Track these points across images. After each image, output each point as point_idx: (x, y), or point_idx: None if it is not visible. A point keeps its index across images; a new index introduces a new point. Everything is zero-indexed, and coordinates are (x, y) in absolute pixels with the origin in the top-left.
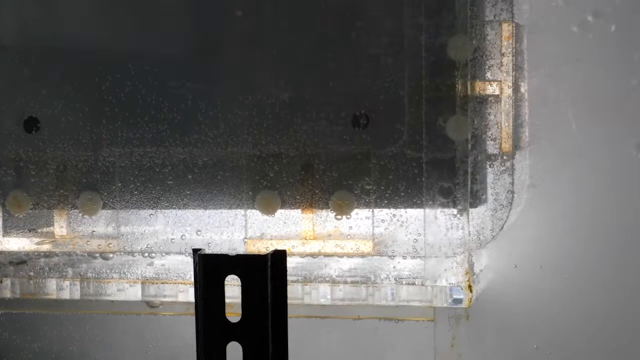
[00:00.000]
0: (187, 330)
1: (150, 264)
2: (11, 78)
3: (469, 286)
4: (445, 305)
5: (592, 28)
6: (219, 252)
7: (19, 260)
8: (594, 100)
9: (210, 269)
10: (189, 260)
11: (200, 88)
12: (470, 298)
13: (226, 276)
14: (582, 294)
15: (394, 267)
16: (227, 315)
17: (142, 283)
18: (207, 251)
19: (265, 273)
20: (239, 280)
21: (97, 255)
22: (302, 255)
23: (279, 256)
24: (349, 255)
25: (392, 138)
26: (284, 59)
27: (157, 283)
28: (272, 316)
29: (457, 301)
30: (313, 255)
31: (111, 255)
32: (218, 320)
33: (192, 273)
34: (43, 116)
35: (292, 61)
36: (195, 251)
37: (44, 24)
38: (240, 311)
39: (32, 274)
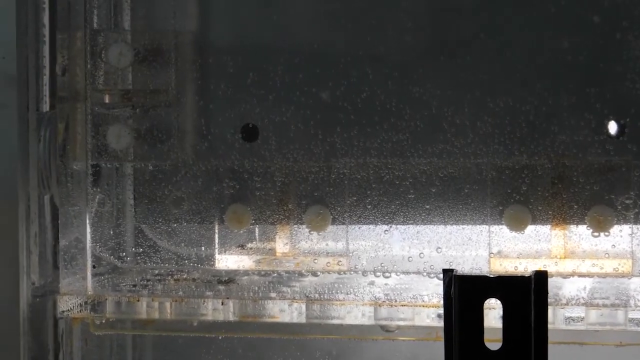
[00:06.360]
0: (426, 357)
1: (372, 283)
2: (232, 84)
3: None
4: None
5: None
6: (476, 273)
7: (228, 279)
8: None
9: (467, 291)
10: (422, 280)
11: (446, 93)
12: None
13: (485, 299)
14: None
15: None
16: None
17: (378, 305)
18: (462, 272)
19: (529, 296)
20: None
21: (318, 273)
22: (551, 274)
23: (541, 277)
24: (601, 276)
25: None
26: (540, 62)
27: (396, 305)
28: (534, 344)
29: None
30: (565, 275)
31: (340, 274)
32: (476, 348)
33: (428, 294)
34: (270, 124)
35: (549, 64)
36: (446, 271)
37: (268, 24)
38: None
39: (245, 293)
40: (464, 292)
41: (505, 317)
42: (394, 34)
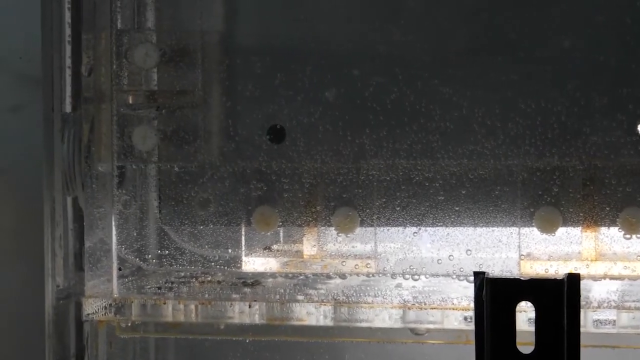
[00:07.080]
0: None
1: (399, 286)
2: (259, 84)
3: None
4: None
5: None
6: (508, 276)
7: (254, 281)
8: None
9: (499, 294)
10: (449, 282)
11: (477, 94)
12: None
13: (518, 302)
14: None
15: None
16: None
17: (407, 308)
18: (493, 274)
19: (561, 299)
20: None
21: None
22: (582, 277)
23: (574, 280)
24: (633, 278)
25: None
26: (571, 62)
27: (425, 308)
28: (567, 347)
29: None
30: (597, 277)
31: (367, 276)
32: (508, 352)
33: (457, 297)
34: (297, 125)
35: (581, 64)
36: (477, 274)
37: (296, 24)
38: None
39: (272, 296)
40: (495, 295)
41: (538, 321)
42: (423, 35)
